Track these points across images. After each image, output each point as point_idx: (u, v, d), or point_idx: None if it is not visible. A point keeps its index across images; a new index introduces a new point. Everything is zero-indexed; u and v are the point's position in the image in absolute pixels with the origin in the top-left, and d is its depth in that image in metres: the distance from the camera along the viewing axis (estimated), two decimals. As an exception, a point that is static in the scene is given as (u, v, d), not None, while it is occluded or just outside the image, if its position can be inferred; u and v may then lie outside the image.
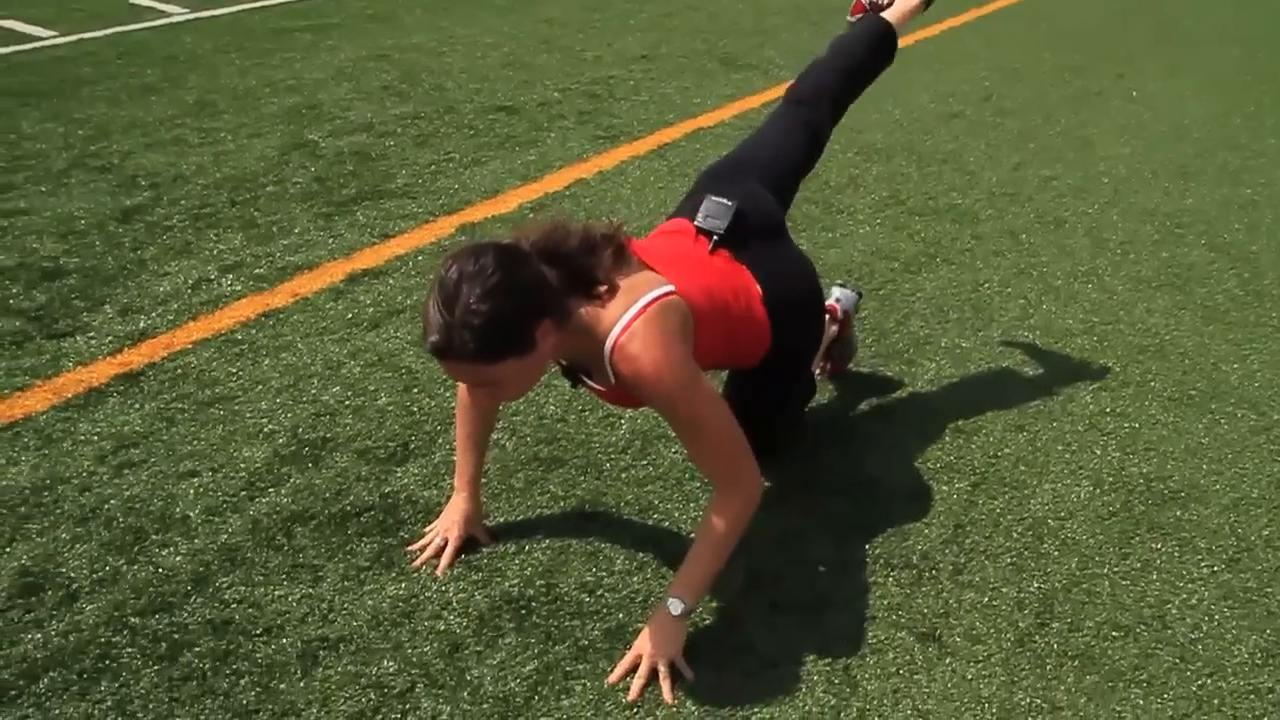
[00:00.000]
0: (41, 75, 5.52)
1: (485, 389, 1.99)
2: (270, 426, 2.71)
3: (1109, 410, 2.89)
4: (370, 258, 3.62)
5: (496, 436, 2.65)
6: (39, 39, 6.20)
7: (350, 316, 3.25)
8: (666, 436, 2.67)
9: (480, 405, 2.30)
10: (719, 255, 2.29)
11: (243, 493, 2.47)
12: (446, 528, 2.31)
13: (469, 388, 2.24)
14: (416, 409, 2.80)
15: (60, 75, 5.52)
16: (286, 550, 2.30)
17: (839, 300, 2.93)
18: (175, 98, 5.21)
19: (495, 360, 1.82)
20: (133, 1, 7.03)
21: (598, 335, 1.95)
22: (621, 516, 2.44)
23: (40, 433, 2.67)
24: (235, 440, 2.66)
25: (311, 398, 2.84)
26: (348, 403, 2.82)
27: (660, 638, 2.01)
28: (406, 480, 2.53)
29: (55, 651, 2.03)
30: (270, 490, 2.48)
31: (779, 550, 2.35)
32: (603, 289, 1.96)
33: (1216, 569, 2.33)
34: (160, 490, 2.47)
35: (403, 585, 2.22)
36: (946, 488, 2.56)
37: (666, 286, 2.01)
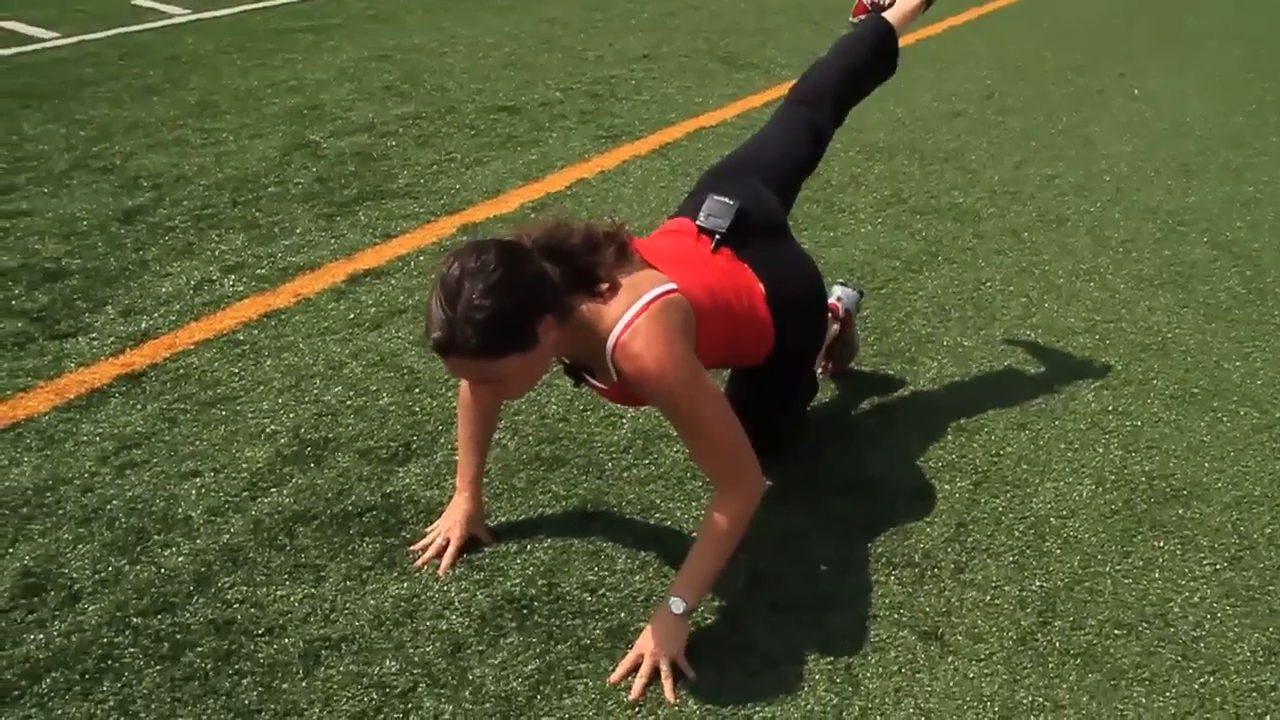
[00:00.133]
0: (43, 77, 5.53)
1: (487, 385, 1.99)
2: (272, 427, 2.72)
3: (1111, 408, 2.88)
4: (372, 258, 3.62)
5: (498, 436, 2.65)
6: (41, 40, 6.21)
7: (352, 317, 3.25)
8: (668, 436, 2.67)
9: (482, 403, 2.30)
10: (721, 254, 2.29)
11: (245, 493, 2.48)
12: (448, 527, 2.32)
13: (471, 385, 2.24)
14: (418, 409, 2.80)
15: (62, 76, 5.53)
16: (288, 550, 2.30)
17: (840, 299, 2.93)
18: (177, 98, 5.22)
19: (497, 356, 1.82)
20: (134, 3, 7.04)
21: (600, 332, 1.96)
22: (623, 516, 2.44)
23: (42, 433, 2.67)
24: (237, 440, 2.66)
25: (313, 398, 2.84)
26: (349, 403, 2.82)
27: (662, 637, 2.01)
28: (408, 480, 2.53)
29: (57, 652, 2.03)
30: (272, 490, 2.48)
31: (781, 549, 2.35)
32: (605, 286, 1.96)
33: (1219, 567, 2.33)
34: (162, 490, 2.48)
35: (405, 585, 2.22)
36: (948, 486, 2.56)
37: (669, 284, 2.01)
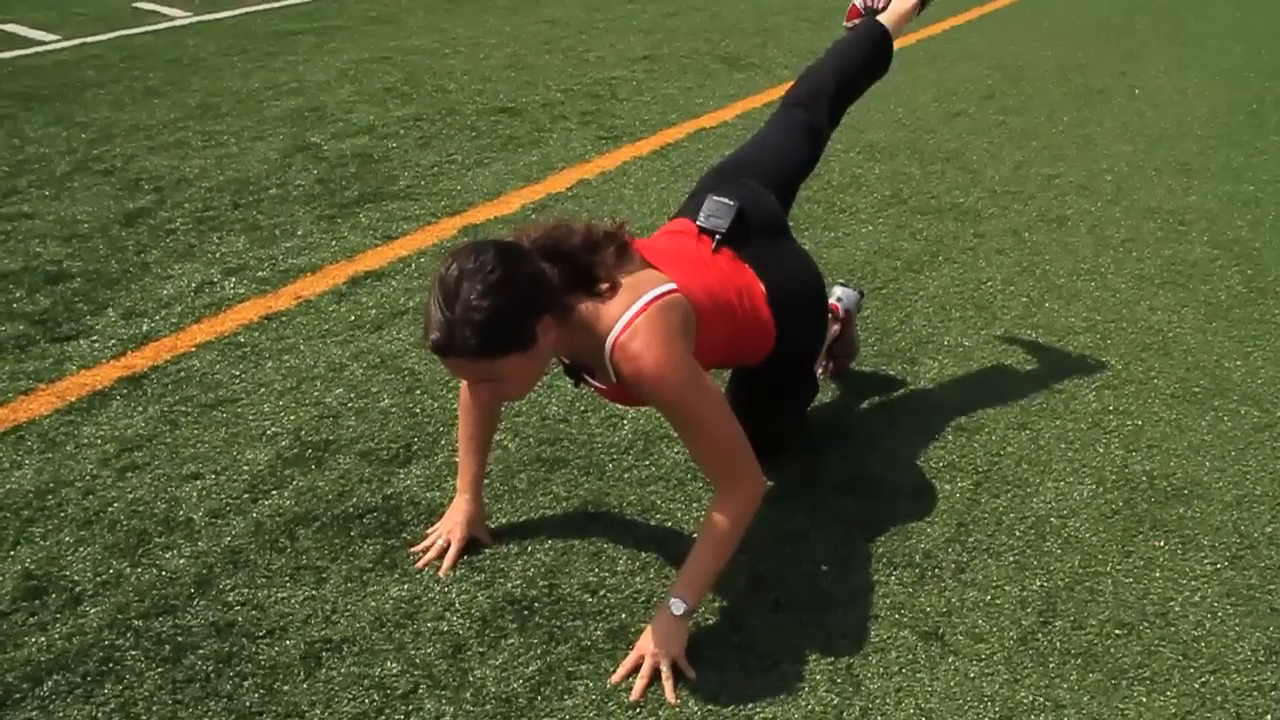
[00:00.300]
0: (45, 79, 5.54)
1: (487, 386, 1.99)
2: (273, 429, 2.72)
3: (1112, 408, 2.88)
4: (373, 260, 3.62)
5: (499, 437, 2.65)
6: (42, 43, 6.21)
7: (353, 319, 3.25)
8: (669, 437, 2.67)
9: (483, 404, 2.30)
10: (722, 254, 2.29)
11: (246, 495, 2.48)
12: (449, 529, 2.32)
13: (471, 386, 2.25)
14: (419, 411, 2.80)
15: (63, 79, 5.54)
16: (289, 552, 2.31)
17: (840, 299, 2.93)
18: (178, 101, 5.22)
19: (496, 356, 1.83)
20: (136, 5, 7.05)
21: (599, 332, 1.96)
22: (624, 517, 2.44)
23: (44, 436, 2.68)
24: (238, 443, 2.66)
25: (314, 400, 2.84)
26: (350, 405, 2.82)
27: (663, 637, 2.01)
28: (409, 482, 2.53)
29: (59, 654, 2.03)
30: (273, 492, 2.49)
31: (781, 549, 2.35)
32: (604, 286, 1.97)
33: (1219, 566, 2.33)
34: (163, 493, 2.48)
35: (405, 586, 2.22)
36: (949, 486, 2.56)
37: (669, 284, 2.01)
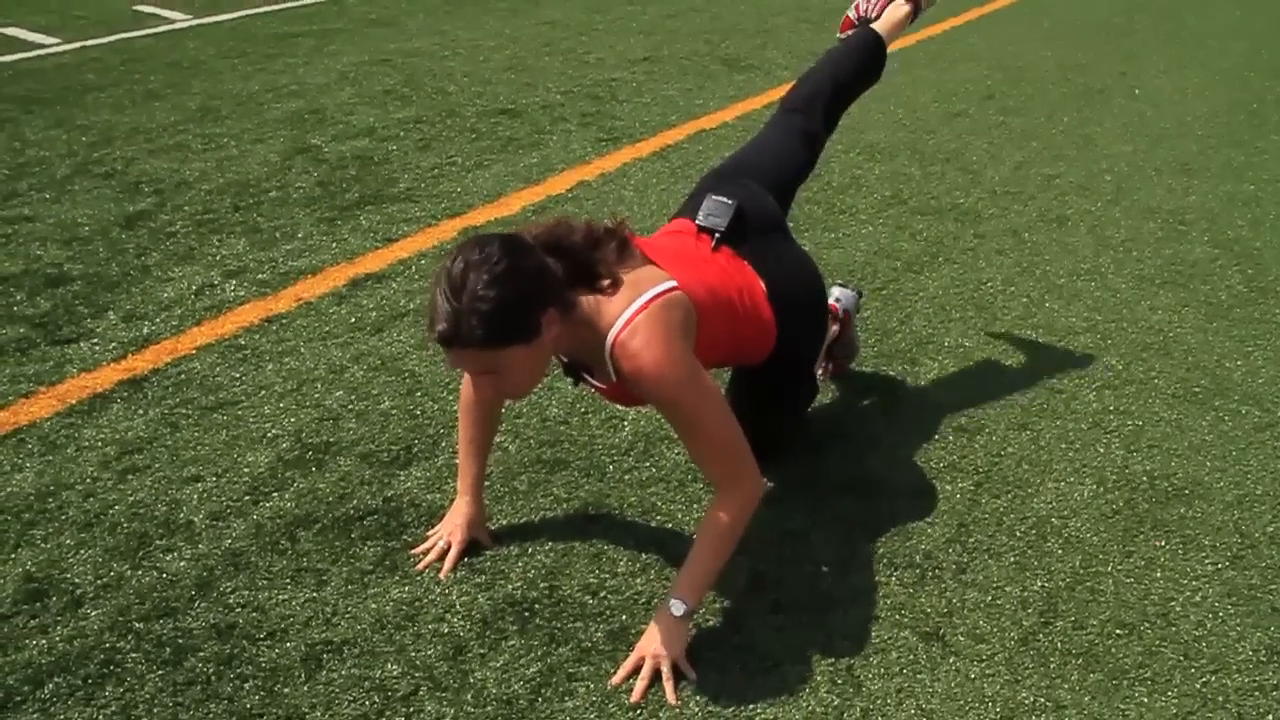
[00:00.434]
0: (45, 82, 5.55)
1: (489, 380, 1.98)
2: (274, 431, 2.72)
3: (1112, 408, 2.88)
4: (373, 262, 3.62)
5: (499, 439, 2.65)
6: (43, 46, 6.22)
7: (353, 320, 3.25)
8: (669, 438, 2.67)
9: (484, 402, 2.29)
10: (722, 252, 2.30)
11: (246, 497, 2.48)
12: (449, 531, 2.32)
13: (473, 380, 2.23)
14: (419, 412, 2.80)
15: (64, 82, 5.54)
16: (290, 554, 2.31)
17: (839, 300, 2.94)
18: (178, 104, 5.23)
19: (502, 346, 1.83)
20: (136, 8, 7.06)
21: (599, 329, 1.96)
22: (624, 518, 2.44)
23: (45, 439, 2.68)
24: (239, 445, 2.66)
25: (315, 402, 2.84)
26: (351, 407, 2.82)
27: (663, 639, 2.01)
28: (409, 484, 2.53)
29: (60, 657, 2.03)
30: (274, 495, 2.49)
31: (781, 550, 2.35)
32: (606, 282, 1.97)
33: (1220, 566, 2.33)
34: (164, 495, 2.48)
35: (406, 588, 2.22)
36: (950, 487, 2.56)
37: (669, 282, 2.01)
